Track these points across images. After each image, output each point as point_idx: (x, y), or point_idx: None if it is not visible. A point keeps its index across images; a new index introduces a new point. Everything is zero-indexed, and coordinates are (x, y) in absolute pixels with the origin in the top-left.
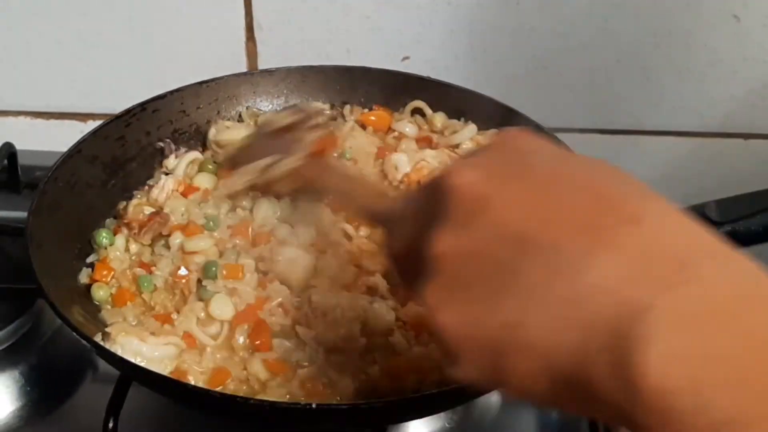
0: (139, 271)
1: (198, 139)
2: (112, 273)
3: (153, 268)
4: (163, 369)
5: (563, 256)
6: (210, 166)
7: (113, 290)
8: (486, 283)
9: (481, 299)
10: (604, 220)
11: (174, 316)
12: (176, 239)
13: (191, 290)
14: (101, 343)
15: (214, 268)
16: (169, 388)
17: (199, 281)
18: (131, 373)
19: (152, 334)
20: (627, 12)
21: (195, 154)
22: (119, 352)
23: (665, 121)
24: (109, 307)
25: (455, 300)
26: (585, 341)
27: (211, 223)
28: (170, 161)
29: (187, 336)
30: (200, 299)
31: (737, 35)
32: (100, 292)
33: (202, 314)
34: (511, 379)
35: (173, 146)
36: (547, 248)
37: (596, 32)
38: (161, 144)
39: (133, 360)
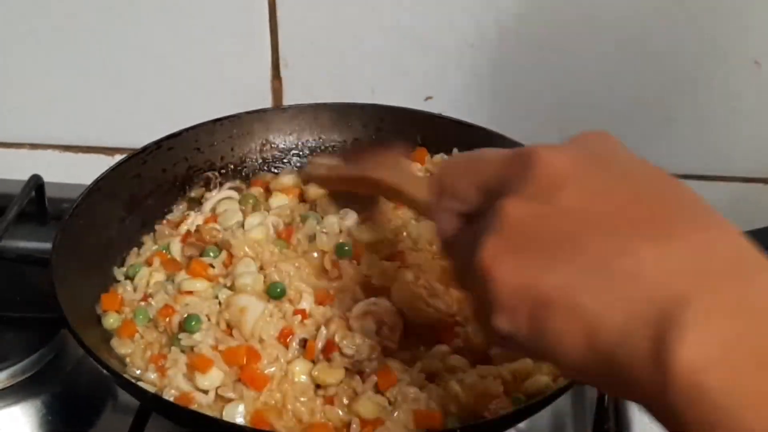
0: (142, 303)
1: None
2: (121, 301)
3: (149, 299)
4: None
5: (629, 238)
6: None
7: (119, 322)
8: (547, 247)
9: (539, 259)
10: (673, 218)
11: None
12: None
13: (173, 331)
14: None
15: (194, 323)
16: (188, 419)
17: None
18: (151, 404)
19: None
20: (650, 57)
21: (232, 192)
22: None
23: (687, 165)
24: (116, 337)
25: (513, 254)
26: (632, 314)
27: (211, 253)
28: (211, 193)
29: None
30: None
31: (759, 81)
32: (110, 320)
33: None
34: (550, 338)
35: (218, 180)
36: (615, 230)
37: (619, 76)
38: (209, 174)
39: (151, 390)
